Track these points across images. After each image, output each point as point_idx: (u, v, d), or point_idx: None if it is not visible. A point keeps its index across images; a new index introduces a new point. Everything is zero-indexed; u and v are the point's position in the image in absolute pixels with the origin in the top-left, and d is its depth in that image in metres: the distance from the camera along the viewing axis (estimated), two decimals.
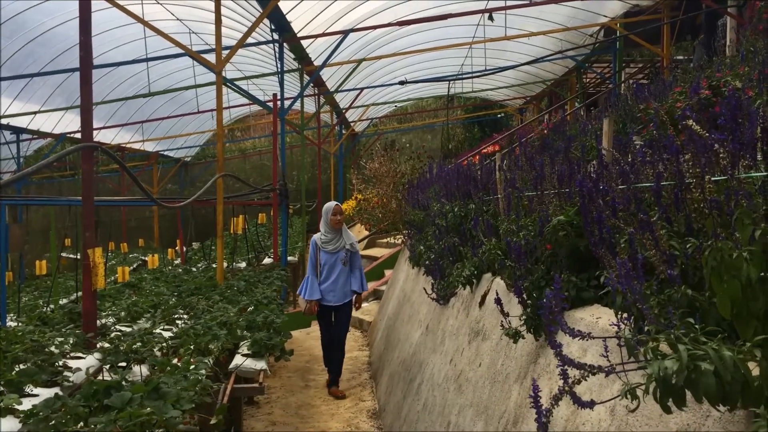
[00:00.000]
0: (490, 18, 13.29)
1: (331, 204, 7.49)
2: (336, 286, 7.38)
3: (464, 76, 18.09)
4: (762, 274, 1.78)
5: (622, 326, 2.41)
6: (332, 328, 7.60)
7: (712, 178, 1.98)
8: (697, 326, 1.71)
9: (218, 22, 8.58)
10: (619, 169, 2.69)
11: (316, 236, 7.53)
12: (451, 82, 19.14)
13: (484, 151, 15.20)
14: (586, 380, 1.82)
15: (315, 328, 11.65)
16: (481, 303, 4.64)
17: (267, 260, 12.07)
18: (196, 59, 9.74)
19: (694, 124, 1.95)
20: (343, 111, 21.10)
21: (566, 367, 1.88)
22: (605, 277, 2.32)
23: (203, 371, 4.00)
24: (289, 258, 12.26)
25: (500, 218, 4.74)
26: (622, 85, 15.45)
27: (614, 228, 2.53)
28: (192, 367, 3.98)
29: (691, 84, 6.48)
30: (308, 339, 10.35)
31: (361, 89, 18.76)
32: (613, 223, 2.42)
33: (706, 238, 2.05)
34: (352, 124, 24.57)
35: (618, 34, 15.60)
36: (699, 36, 12.82)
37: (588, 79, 21.19)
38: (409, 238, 8.28)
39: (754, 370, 1.62)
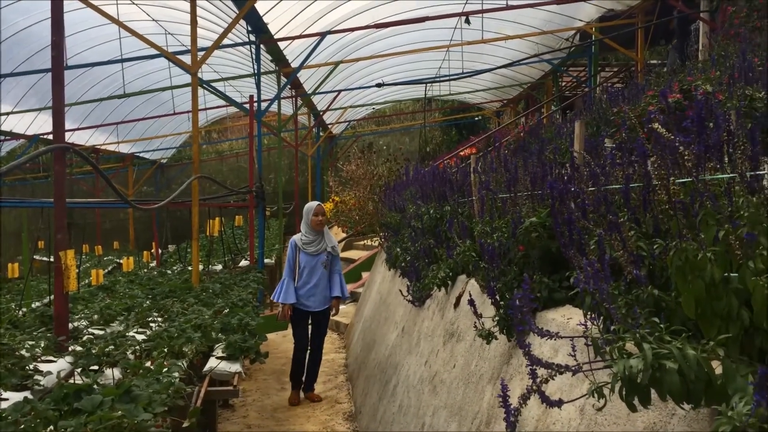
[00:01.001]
0: (467, 21, 13.37)
1: (313, 204, 7.16)
2: (316, 290, 7.04)
3: (442, 78, 18.17)
4: (725, 274, 1.81)
5: (590, 326, 2.44)
6: (313, 334, 7.27)
7: (679, 180, 2.01)
8: (662, 325, 1.73)
9: (194, 23, 8.54)
10: (589, 171, 2.72)
11: (295, 237, 7.18)
12: (429, 84, 19.22)
13: (462, 153, 15.26)
14: (553, 379, 1.84)
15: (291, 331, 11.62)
16: (456, 304, 4.66)
17: (243, 263, 12.02)
18: (171, 60, 9.68)
19: (659, 126, 1.98)
20: (321, 113, 21.07)
21: (535, 366, 1.89)
22: (574, 278, 2.35)
23: (176, 374, 3.97)
24: (266, 260, 12.21)
25: (475, 220, 4.77)
26: (598, 88, 15.59)
27: (584, 229, 2.56)
28: (165, 369, 3.95)
29: (663, 88, 6.56)
30: (285, 342, 10.30)
31: (339, 91, 18.75)
32: (583, 225, 2.45)
33: (672, 239, 2.07)
34: (329, 126, 24.54)
35: (593, 38, 15.76)
36: (672, 41, 12.98)
37: (564, 83, 21.38)
38: (386, 240, 8.29)
39: (718, 368, 1.65)
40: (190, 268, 10.96)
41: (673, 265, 1.81)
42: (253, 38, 12.59)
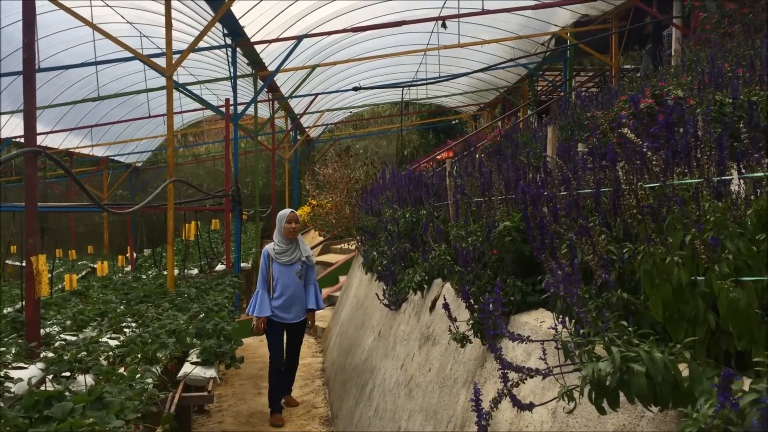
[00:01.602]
0: (443, 25, 13.42)
1: (286, 211, 6.88)
2: (292, 302, 6.73)
3: (419, 82, 18.23)
4: (692, 278, 1.84)
5: (560, 329, 2.46)
6: (288, 348, 6.98)
7: (648, 185, 2.03)
8: (630, 329, 1.75)
9: (168, 26, 8.49)
10: (561, 175, 2.75)
11: (268, 247, 6.83)
12: (407, 88, 19.26)
13: (439, 157, 15.30)
14: (524, 383, 1.85)
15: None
16: (432, 308, 4.67)
17: (220, 267, 11.95)
18: (146, 63, 9.60)
19: (628, 132, 2.00)
20: (298, 116, 21.03)
21: (506, 370, 1.91)
22: (545, 282, 2.37)
23: (150, 380, 3.94)
24: (243, 264, 12.15)
25: (450, 224, 4.78)
26: (573, 92, 15.72)
27: (556, 233, 2.58)
28: (138, 376, 3.92)
29: (635, 93, 6.63)
30: (262, 346, 10.24)
31: (316, 95, 18.74)
32: (555, 229, 2.47)
33: (641, 243, 2.10)
34: (307, 129, 24.49)
35: (568, 43, 15.90)
36: (646, 46, 13.14)
37: (540, 87, 21.55)
38: (363, 244, 8.29)
39: (685, 371, 1.68)
40: (165, 273, 10.88)
41: (641, 268, 1.83)
42: (229, 41, 12.53)
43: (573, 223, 2.53)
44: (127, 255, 16.75)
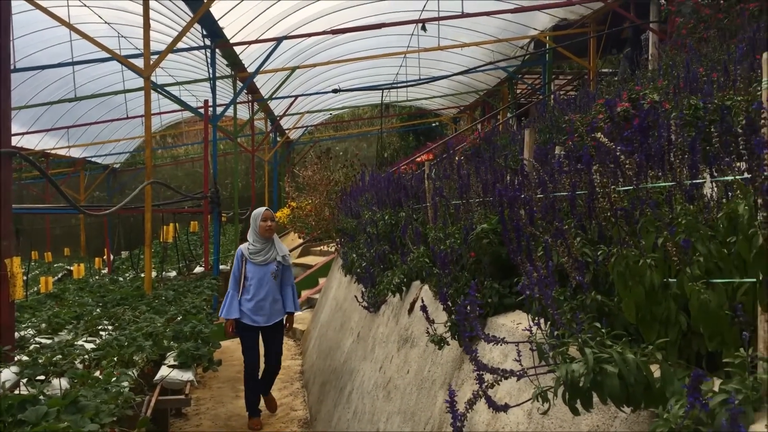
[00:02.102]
0: (423, 28, 13.47)
1: (261, 209, 6.58)
2: (265, 304, 6.43)
3: (399, 84, 18.26)
4: (664, 280, 1.86)
5: (535, 331, 2.48)
6: (266, 353, 6.69)
7: (622, 188, 2.06)
8: (603, 330, 1.77)
9: (146, 26, 8.43)
10: (538, 178, 2.77)
11: (242, 246, 6.53)
12: (387, 90, 19.29)
13: (418, 159, 15.34)
14: (499, 384, 1.86)
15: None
16: (410, 310, 4.68)
17: (198, 269, 11.87)
18: (123, 63, 9.53)
19: (602, 136, 2.03)
20: (278, 118, 20.97)
21: (481, 372, 1.92)
22: (521, 284, 2.38)
23: (126, 383, 3.91)
24: (222, 267, 12.08)
25: (429, 226, 4.80)
26: (552, 95, 15.84)
27: (532, 236, 2.60)
28: (114, 379, 3.88)
29: (612, 97, 6.69)
30: (240, 348, 10.20)
31: (296, 97, 18.70)
32: (531, 231, 2.49)
33: (615, 245, 2.12)
34: (287, 131, 24.43)
35: (547, 47, 16.02)
36: (624, 50, 13.27)
37: (519, 90, 21.68)
38: (342, 246, 8.28)
39: (656, 372, 1.70)
40: (143, 275, 10.80)
41: (614, 271, 1.85)
42: (208, 42, 12.47)
43: (549, 226, 2.55)
44: (104, 257, 16.62)
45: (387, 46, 16.74)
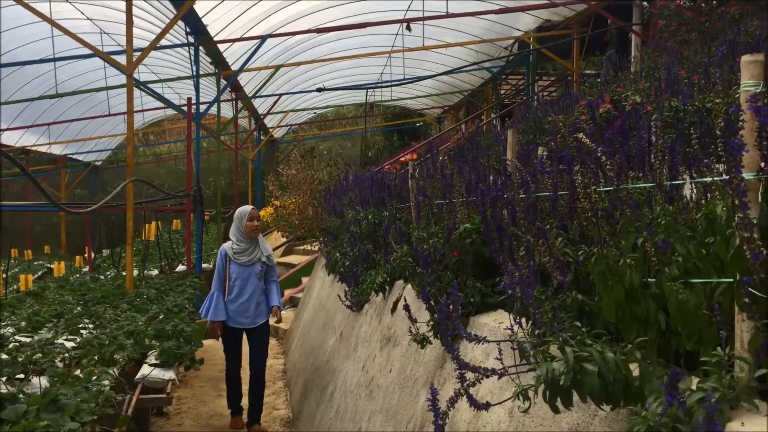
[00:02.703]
0: (408, 28, 13.49)
1: (246, 208, 6.38)
2: (249, 305, 6.24)
3: (383, 84, 18.27)
4: (644, 280, 1.88)
5: (516, 330, 2.50)
6: (251, 357, 6.45)
7: (602, 189, 2.08)
8: (583, 329, 1.79)
9: (129, 23, 8.37)
10: (521, 178, 2.79)
11: (226, 245, 6.32)
12: (371, 90, 19.29)
13: (402, 159, 15.36)
14: (481, 383, 1.87)
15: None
16: (393, 309, 4.69)
17: (180, 268, 11.81)
18: (106, 60, 9.46)
19: (584, 137, 2.05)
20: (262, 116, 20.91)
21: (463, 370, 1.93)
22: (503, 283, 2.40)
23: (106, 382, 3.88)
24: (204, 265, 12.03)
25: (412, 226, 4.81)
26: (536, 96, 15.92)
27: (514, 236, 2.62)
28: (95, 377, 3.86)
29: (595, 98, 6.75)
30: (221, 348, 10.16)
31: (280, 95, 18.64)
32: (513, 231, 2.50)
33: (595, 245, 2.14)
34: (270, 130, 24.37)
35: (531, 48, 16.09)
36: (607, 51, 13.37)
37: (503, 91, 21.77)
38: (325, 245, 8.28)
39: (635, 370, 1.71)
40: (124, 273, 10.72)
41: (595, 270, 1.87)
42: (191, 40, 12.40)
43: (531, 226, 2.57)
44: (85, 255, 16.47)
45: (371, 46, 16.74)
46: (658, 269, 1.85)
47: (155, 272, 11.50)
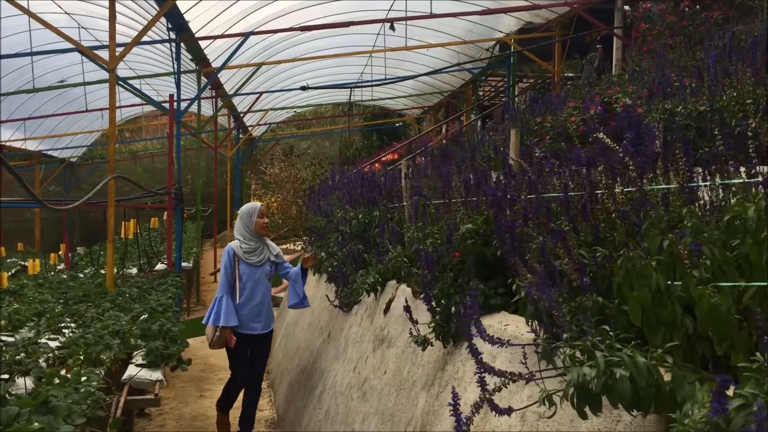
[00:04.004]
0: (392, 27, 13.45)
1: (255, 205, 5.97)
2: (261, 309, 5.82)
3: (366, 83, 18.22)
4: (668, 282, 1.86)
5: (535, 333, 2.46)
6: (251, 366, 5.97)
7: (626, 189, 2.05)
8: (611, 333, 1.76)
9: (112, 18, 8.22)
10: (529, 179, 2.76)
11: (233, 245, 5.81)
12: (352, 89, 19.23)
13: (384, 159, 15.33)
14: (507, 387, 1.83)
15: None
16: (386, 310, 4.64)
17: (160, 266, 11.64)
18: (87, 55, 9.29)
19: (605, 137, 2.02)
20: (242, 115, 20.73)
21: (484, 374, 1.88)
22: (517, 285, 2.36)
23: (95, 383, 3.78)
24: (184, 264, 11.88)
25: (405, 226, 4.76)
26: (516, 99, 15.96)
27: (524, 236, 2.58)
28: (84, 378, 3.76)
29: (583, 100, 6.76)
30: (203, 347, 9.98)
31: (260, 93, 18.49)
32: (526, 232, 2.47)
33: (614, 247, 2.11)
34: (250, 128, 24.18)
35: (512, 49, 16.13)
36: (588, 54, 13.45)
37: (483, 92, 21.83)
38: (311, 244, 8.20)
39: (665, 375, 1.69)
40: (102, 272, 10.54)
41: (620, 273, 1.83)
42: (173, 36, 12.24)
43: (542, 227, 2.54)
44: (60, 252, 16.18)
45: (353, 45, 16.68)
46: (683, 272, 1.82)
47: (134, 270, 11.32)
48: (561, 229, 2.20)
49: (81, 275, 10.14)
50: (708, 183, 1.91)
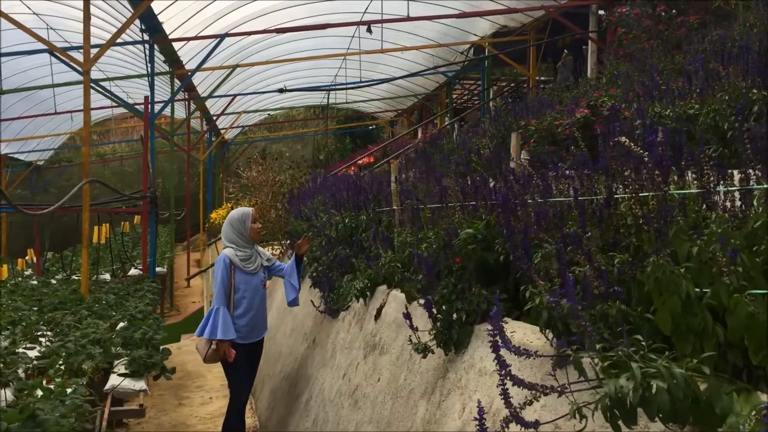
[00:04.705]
0: (369, 30, 13.40)
1: (247, 210, 5.71)
2: (260, 319, 5.59)
3: (343, 86, 18.12)
4: (697, 290, 1.82)
5: (549, 342, 2.41)
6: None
7: (641, 195, 2.01)
8: (643, 343, 1.71)
9: (87, 19, 8.03)
10: (537, 182, 2.71)
11: (228, 253, 5.43)
12: (325, 92, 19.10)
13: (361, 162, 15.26)
14: (538, 401, 1.77)
15: (186, 343, 11.14)
16: (377, 316, 4.57)
17: (133, 271, 11.44)
18: (60, 57, 9.08)
19: (627, 141, 1.97)
20: (215, 117, 20.51)
21: (506, 386, 1.82)
22: (530, 293, 2.31)
23: (81, 395, 3.66)
24: (158, 269, 11.68)
25: (396, 230, 4.70)
26: (491, 102, 15.99)
27: (536, 241, 2.53)
28: (69, 390, 3.63)
29: (567, 104, 6.76)
30: (180, 354, 9.87)
31: (234, 96, 18.30)
32: (542, 237, 2.42)
33: (635, 253, 2.07)
34: (222, 131, 23.93)
35: (487, 53, 16.17)
36: (563, 58, 13.53)
37: (456, 95, 21.87)
38: (291, 248, 8.09)
39: (701, 386, 1.64)
40: (75, 278, 10.31)
41: (650, 281, 1.79)
42: (146, 37, 12.03)
43: (553, 232, 2.49)
44: (27, 258, 15.80)
45: (327, 48, 16.57)
46: (713, 279, 1.78)
47: (107, 276, 11.10)
48: (578, 234, 2.15)
49: (53, 281, 9.90)
50: (736, 188, 1.87)
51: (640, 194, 1.94)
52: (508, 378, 1.72)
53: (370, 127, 27.03)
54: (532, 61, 14.89)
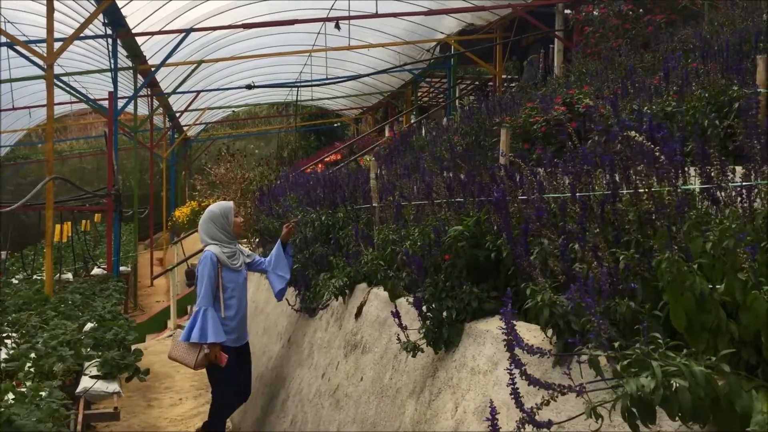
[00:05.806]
0: (337, 27, 13.31)
1: (228, 204, 5.42)
2: (246, 319, 5.41)
3: (309, 82, 17.97)
4: (711, 287, 1.80)
5: (545, 338, 2.39)
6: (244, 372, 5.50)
7: (651, 190, 1.99)
8: (660, 341, 1.68)
9: (50, 11, 7.80)
10: (532, 178, 2.68)
11: (214, 250, 5.12)
12: (290, 89, 18.96)
13: (327, 159, 15.17)
14: (555, 401, 1.74)
15: (152, 343, 10.93)
16: (358, 314, 4.51)
17: (96, 270, 11.17)
18: (22, 50, 8.81)
19: (638, 135, 1.95)
20: (178, 114, 20.18)
21: (517, 385, 1.78)
22: (531, 290, 2.28)
23: (57, 398, 3.53)
24: (122, 268, 11.43)
25: (376, 228, 4.64)
26: (457, 100, 16.02)
27: (530, 238, 2.51)
28: (43, 393, 3.50)
29: (541, 100, 6.77)
30: (147, 354, 9.65)
31: (198, 92, 18.02)
32: (545, 234, 2.39)
33: (641, 250, 2.06)
34: (185, 128, 23.57)
35: (452, 50, 16.19)
36: (529, 56, 13.61)
37: (421, 92, 21.89)
38: (262, 246, 7.97)
39: (721, 384, 1.62)
40: (36, 277, 10.03)
41: (664, 277, 1.77)
42: (109, 31, 11.75)
43: (551, 229, 2.46)
44: None
45: (293, 44, 16.44)
46: (726, 276, 1.77)
47: (69, 276, 10.81)
48: (578, 230, 2.13)
49: (15, 281, 9.62)
50: (751, 183, 1.86)
51: (653, 189, 1.92)
52: (524, 377, 1.68)
53: (335, 125, 26.89)
54: (499, 59, 14.96)
